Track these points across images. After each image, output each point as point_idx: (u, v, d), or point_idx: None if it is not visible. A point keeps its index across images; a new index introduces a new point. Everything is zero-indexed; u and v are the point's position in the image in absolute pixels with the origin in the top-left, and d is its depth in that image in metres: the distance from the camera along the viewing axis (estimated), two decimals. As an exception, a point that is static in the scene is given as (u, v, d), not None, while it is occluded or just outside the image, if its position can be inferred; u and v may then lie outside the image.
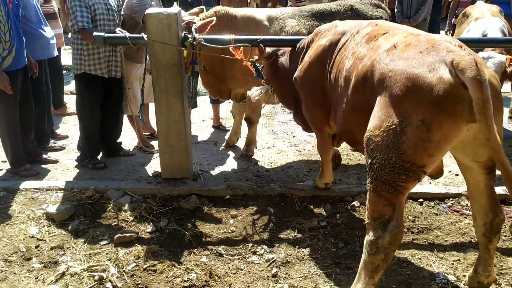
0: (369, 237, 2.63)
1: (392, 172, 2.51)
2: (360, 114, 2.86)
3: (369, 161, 2.61)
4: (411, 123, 2.44)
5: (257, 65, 4.17)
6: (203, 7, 4.87)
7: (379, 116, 2.57)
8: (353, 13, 4.74)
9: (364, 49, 2.96)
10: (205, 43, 4.05)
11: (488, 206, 2.82)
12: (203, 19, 4.49)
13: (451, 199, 4.20)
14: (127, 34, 4.20)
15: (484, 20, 5.42)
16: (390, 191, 2.55)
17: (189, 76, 4.51)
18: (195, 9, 4.75)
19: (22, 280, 3.21)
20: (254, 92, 4.20)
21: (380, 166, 2.54)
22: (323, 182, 4.22)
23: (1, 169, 4.90)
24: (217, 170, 4.88)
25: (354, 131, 3.05)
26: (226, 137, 5.66)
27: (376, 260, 2.62)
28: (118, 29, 4.51)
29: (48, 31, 5.38)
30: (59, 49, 6.19)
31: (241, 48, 4.06)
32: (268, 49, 4.12)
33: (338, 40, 3.36)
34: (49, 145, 5.40)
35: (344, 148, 5.38)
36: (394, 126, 2.48)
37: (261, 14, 4.78)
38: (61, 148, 5.43)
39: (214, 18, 4.51)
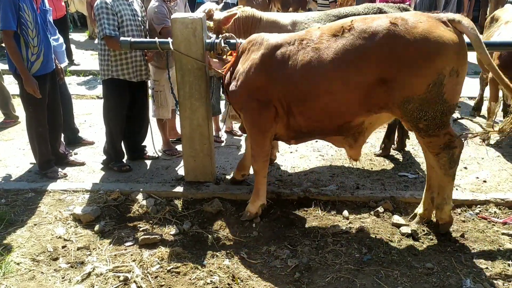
0: (445, 158, 3.41)
1: (442, 117, 3.28)
2: (357, 92, 3.37)
3: (423, 118, 3.27)
4: (446, 75, 3.14)
5: None
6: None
7: (415, 80, 3.18)
8: None
9: (341, 40, 3.36)
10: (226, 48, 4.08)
11: None
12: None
13: (478, 206, 4.10)
14: (157, 40, 4.25)
15: None
16: (443, 127, 3.33)
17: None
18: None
19: (49, 280, 3.28)
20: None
21: (433, 117, 3.26)
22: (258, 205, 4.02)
23: (30, 171, 5.03)
24: (239, 174, 4.89)
25: (345, 111, 3.52)
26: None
27: (455, 169, 3.49)
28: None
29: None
30: None
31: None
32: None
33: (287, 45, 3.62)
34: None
35: (367, 153, 5.33)
36: (437, 83, 3.14)
37: (286, 18, 4.77)
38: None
39: (237, 12, 4.61)
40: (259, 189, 3.99)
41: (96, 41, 5.04)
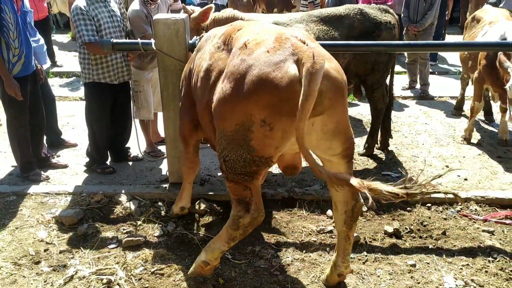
0: (234, 212, 2.83)
1: (245, 165, 2.68)
2: (206, 111, 2.95)
3: (222, 157, 2.75)
4: (255, 123, 2.54)
5: None
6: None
7: (229, 115, 2.64)
8: (362, 17, 4.73)
9: (222, 52, 2.95)
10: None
11: (349, 194, 2.86)
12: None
13: (459, 204, 4.17)
14: (140, 40, 4.24)
15: (500, 24, 5.34)
16: (245, 178, 2.74)
17: None
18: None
19: (31, 283, 3.24)
20: None
21: (234, 161, 2.69)
22: (179, 206, 4.02)
23: (12, 174, 4.96)
24: (224, 175, 4.88)
25: (209, 131, 3.11)
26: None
27: (235, 233, 2.87)
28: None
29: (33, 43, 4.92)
30: None
31: None
32: None
33: (201, 47, 3.41)
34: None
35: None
36: (244, 127, 2.57)
37: (267, 19, 4.79)
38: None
39: (213, 5, 4.67)
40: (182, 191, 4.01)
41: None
